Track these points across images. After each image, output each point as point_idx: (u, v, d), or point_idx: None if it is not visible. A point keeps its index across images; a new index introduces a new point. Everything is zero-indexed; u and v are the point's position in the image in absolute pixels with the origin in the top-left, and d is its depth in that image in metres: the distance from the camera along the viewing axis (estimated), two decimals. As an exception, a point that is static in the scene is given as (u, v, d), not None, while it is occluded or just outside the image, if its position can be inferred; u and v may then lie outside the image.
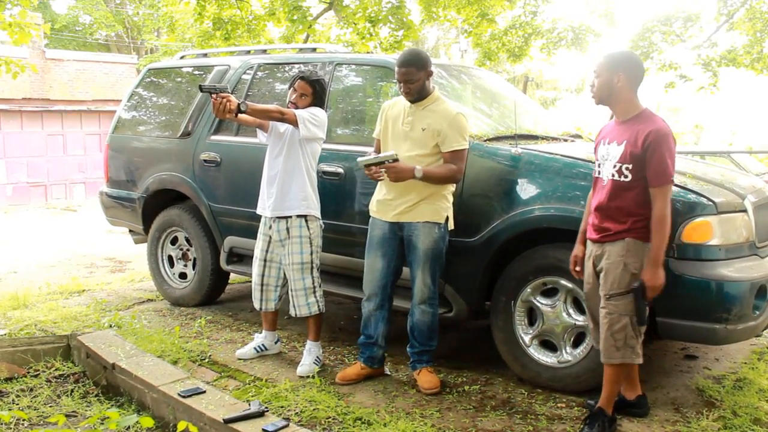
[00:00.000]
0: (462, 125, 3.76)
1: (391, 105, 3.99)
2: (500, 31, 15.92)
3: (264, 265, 4.30)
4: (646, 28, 16.46)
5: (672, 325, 3.44)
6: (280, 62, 5.34)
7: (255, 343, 4.43)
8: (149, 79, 6.19)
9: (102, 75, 18.63)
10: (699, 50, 16.46)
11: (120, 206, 6.12)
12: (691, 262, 3.38)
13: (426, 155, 3.77)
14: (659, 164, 3.03)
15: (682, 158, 5.00)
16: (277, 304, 4.40)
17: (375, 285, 3.95)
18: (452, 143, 3.73)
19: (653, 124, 3.08)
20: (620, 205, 3.15)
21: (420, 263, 3.81)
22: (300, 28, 12.89)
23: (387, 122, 3.94)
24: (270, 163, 4.23)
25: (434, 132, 3.74)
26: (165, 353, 4.34)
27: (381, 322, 4.00)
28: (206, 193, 5.30)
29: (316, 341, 4.29)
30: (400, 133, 3.85)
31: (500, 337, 3.98)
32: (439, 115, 3.76)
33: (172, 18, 18.05)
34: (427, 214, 3.79)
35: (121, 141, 6.11)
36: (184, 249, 5.72)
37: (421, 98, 3.80)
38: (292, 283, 4.19)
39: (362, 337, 4.07)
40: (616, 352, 3.17)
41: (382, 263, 3.90)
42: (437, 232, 3.81)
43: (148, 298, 6.04)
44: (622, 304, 3.14)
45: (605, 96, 3.22)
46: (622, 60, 3.20)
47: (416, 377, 3.98)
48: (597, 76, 3.22)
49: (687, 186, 3.53)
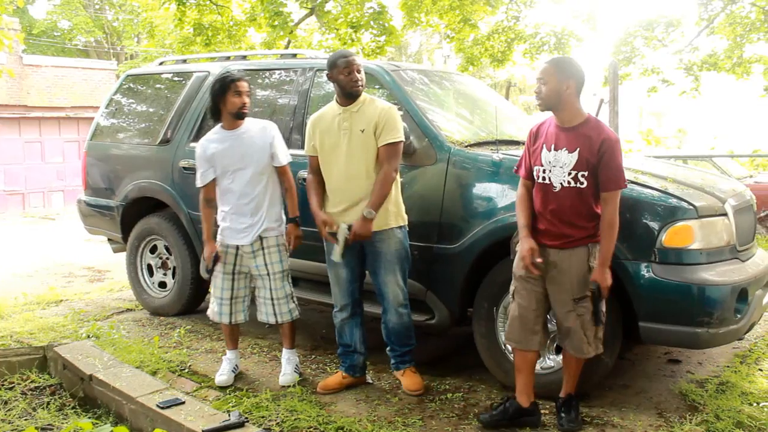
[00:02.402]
0: (395, 117, 3.74)
1: (318, 118, 3.91)
2: (483, 37, 16.02)
3: (233, 278, 4.16)
4: (629, 33, 16.65)
5: (654, 330, 3.46)
6: (261, 68, 5.33)
7: (230, 366, 4.24)
8: (128, 85, 6.16)
9: (81, 81, 18.50)
10: (681, 55, 16.66)
11: (98, 214, 6.07)
12: (673, 266, 3.41)
13: (371, 160, 3.73)
14: (616, 170, 3.17)
15: (663, 162, 5.06)
16: (246, 315, 4.29)
17: (344, 295, 3.95)
18: (386, 136, 3.70)
19: (604, 133, 3.20)
20: (580, 210, 3.24)
21: (390, 267, 3.80)
22: (281, 34, 12.91)
23: (321, 137, 3.85)
24: (245, 191, 4.04)
25: (372, 130, 3.72)
26: (144, 364, 4.30)
27: (356, 329, 4.01)
28: (186, 201, 5.27)
29: (293, 348, 4.27)
30: (338, 143, 3.78)
31: (483, 344, 3.98)
32: (374, 112, 3.74)
33: (152, 23, 18.00)
34: (387, 220, 3.77)
35: (99, 148, 6.07)
36: (163, 258, 5.68)
37: (355, 98, 3.77)
38: (274, 292, 4.15)
39: (340, 348, 4.07)
40: (588, 346, 3.32)
41: (346, 272, 3.90)
42: (400, 233, 3.81)
43: (127, 307, 5.99)
44: (590, 303, 3.27)
45: (554, 103, 3.26)
46: (571, 68, 3.26)
47: (400, 378, 3.99)
48: (544, 83, 3.25)
49: (668, 190, 3.56)
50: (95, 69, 19.28)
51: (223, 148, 4.04)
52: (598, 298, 3.23)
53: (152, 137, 5.63)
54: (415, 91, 4.52)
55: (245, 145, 4.04)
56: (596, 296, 3.22)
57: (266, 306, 4.18)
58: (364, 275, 3.99)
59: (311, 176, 3.93)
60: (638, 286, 3.44)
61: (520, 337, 3.42)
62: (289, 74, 5.03)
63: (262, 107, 5.02)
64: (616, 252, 3.40)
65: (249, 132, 4.08)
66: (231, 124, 4.07)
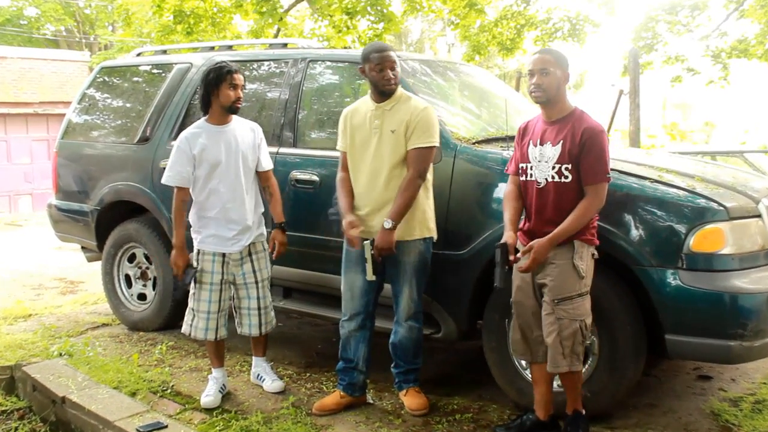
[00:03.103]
0: (429, 119, 3.76)
1: (352, 112, 3.96)
2: (490, 23, 16.05)
3: (221, 288, 4.16)
4: (650, 17, 16.66)
5: (682, 343, 3.46)
6: (248, 59, 5.33)
7: (216, 386, 4.22)
8: (103, 78, 6.17)
9: (50, 74, 18.55)
10: (707, 41, 16.68)
11: (71, 220, 6.07)
12: (702, 273, 3.40)
13: (398, 163, 3.77)
14: (597, 161, 3.25)
15: (689, 159, 5.06)
16: (227, 328, 4.29)
17: (356, 303, 3.95)
18: (416, 140, 3.73)
19: (586, 123, 3.31)
20: (564, 207, 3.30)
21: (407, 278, 3.83)
22: (270, 22, 12.94)
23: (353, 132, 3.91)
24: (235, 193, 4.08)
25: (403, 131, 3.74)
26: (122, 384, 4.29)
27: (362, 344, 4.00)
28: (167, 205, 5.24)
29: (265, 356, 4.44)
30: (368, 142, 3.83)
31: (494, 360, 3.98)
32: (407, 111, 3.77)
33: (128, 11, 17.97)
34: (411, 231, 3.80)
35: (71, 148, 6.07)
36: (143, 267, 5.68)
37: (389, 95, 3.80)
38: (262, 300, 4.21)
39: (340, 363, 4.07)
40: (562, 359, 3.32)
41: (363, 279, 3.90)
42: (423, 244, 3.83)
43: (103, 322, 5.99)
44: (572, 308, 3.29)
45: (554, 95, 3.35)
46: (564, 58, 3.40)
47: (403, 398, 4.00)
48: (545, 74, 3.32)
49: (696, 190, 3.56)
50: (66, 61, 19.34)
51: (212, 144, 4.05)
52: (503, 259, 3.29)
53: (130, 135, 5.63)
54: (416, 83, 4.53)
55: (236, 143, 4.06)
56: (502, 255, 3.29)
57: (251, 317, 4.22)
58: (382, 288, 4.01)
59: (342, 174, 3.97)
60: (664, 296, 3.43)
61: (524, 349, 3.51)
62: (279, 66, 5.04)
63: (250, 102, 5.03)
64: (639, 258, 3.41)
65: (238, 130, 4.12)
66: (220, 119, 4.09)
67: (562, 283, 3.30)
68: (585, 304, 3.32)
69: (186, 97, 5.32)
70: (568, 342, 3.30)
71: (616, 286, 3.60)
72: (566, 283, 3.29)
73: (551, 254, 3.30)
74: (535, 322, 3.44)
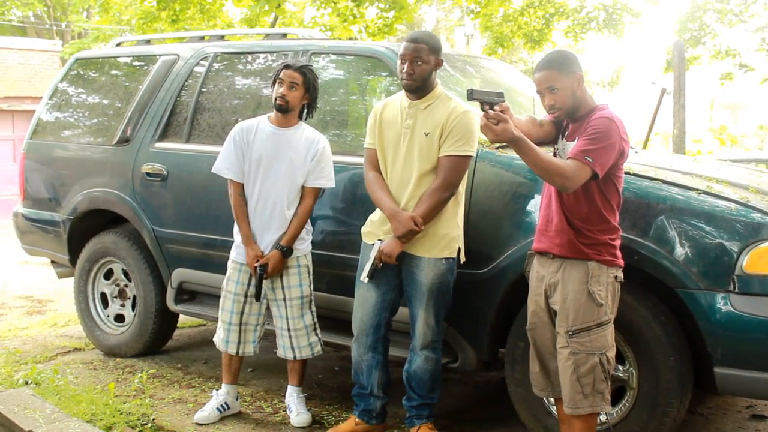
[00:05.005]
0: (467, 125, 3.77)
1: (384, 107, 4.01)
2: (515, 12, 16.07)
3: (244, 300, 4.33)
4: (697, 5, 16.62)
5: (734, 378, 3.44)
6: (243, 51, 5.38)
7: (216, 403, 4.41)
8: (77, 71, 6.20)
9: (17, 66, 18.65)
10: (763, 33, 16.64)
11: (40, 231, 6.10)
12: (757, 297, 3.39)
13: (429, 171, 3.80)
14: (587, 142, 3.15)
15: (742, 168, 5.06)
16: (256, 347, 4.46)
17: (366, 323, 3.98)
18: (449, 146, 3.75)
19: (600, 112, 3.28)
20: (578, 210, 3.27)
21: (423, 300, 3.84)
22: (266, 9, 12.99)
23: (383, 127, 3.95)
24: (277, 199, 4.26)
25: (438, 135, 3.78)
26: (96, 417, 4.30)
27: (375, 369, 4.02)
28: (149, 215, 5.30)
29: (301, 386, 4.46)
30: (398, 141, 3.87)
31: (518, 393, 3.98)
32: (444, 114, 3.79)
33: (105, -5, 18.12)
34: (431, 248, 3.82)
35: (41, 149, 6.11)
36: (121, 285, 5.70)
37: (422, 92, 3.83)
38: (291, 321, 4.29)
39: (355, 388, 4.11)
40: (583, 399, 3.27)
41: (376, 296, 3.93)
42: (444, 265, 3.84)
43: (75, 347, 6.01)
44: (589, 341, 3.24)
45: (572, 106, 3.33)
46: (568, 60, 3.36)
47: (414, 436, 4.02)
48: (554, 91, 3.29)
49: (750, 203, 3.55)
50: (34, 50, 19.43)
51: (264, 139, 4.24)
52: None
53: (108, 136, 5.66)
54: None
55: (289, 146, 4.22)
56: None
57: (283, 338, 4.35)
58: (397, 309, 4.03)
59: (372, 173, 3.98)
60: (713, 323, 3.42)
61: (545, 383, 3.48)
62: (277, 58, 5.06)
63: (244, 99, 5.06)
64: (685, 280, 3.41)
65: (296, 135, 4.27)
66: (276, 119, 4.28)
67: (576, 311, 3.25)
68: (606, 335, 3.27)
69: (172, 94, 5.35)
70: (588, 379, 3.25)
71: (658, 311, 3.59)
72: (581, 311, 3.25)
73: (559, 276, 3.30)
74: (555, 352, 3.41)
